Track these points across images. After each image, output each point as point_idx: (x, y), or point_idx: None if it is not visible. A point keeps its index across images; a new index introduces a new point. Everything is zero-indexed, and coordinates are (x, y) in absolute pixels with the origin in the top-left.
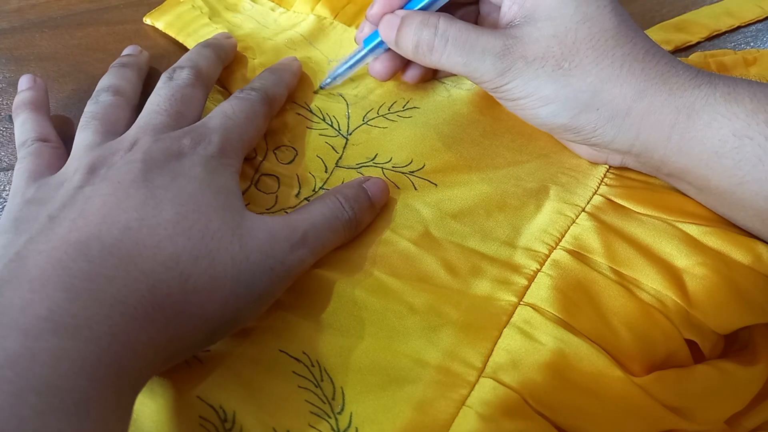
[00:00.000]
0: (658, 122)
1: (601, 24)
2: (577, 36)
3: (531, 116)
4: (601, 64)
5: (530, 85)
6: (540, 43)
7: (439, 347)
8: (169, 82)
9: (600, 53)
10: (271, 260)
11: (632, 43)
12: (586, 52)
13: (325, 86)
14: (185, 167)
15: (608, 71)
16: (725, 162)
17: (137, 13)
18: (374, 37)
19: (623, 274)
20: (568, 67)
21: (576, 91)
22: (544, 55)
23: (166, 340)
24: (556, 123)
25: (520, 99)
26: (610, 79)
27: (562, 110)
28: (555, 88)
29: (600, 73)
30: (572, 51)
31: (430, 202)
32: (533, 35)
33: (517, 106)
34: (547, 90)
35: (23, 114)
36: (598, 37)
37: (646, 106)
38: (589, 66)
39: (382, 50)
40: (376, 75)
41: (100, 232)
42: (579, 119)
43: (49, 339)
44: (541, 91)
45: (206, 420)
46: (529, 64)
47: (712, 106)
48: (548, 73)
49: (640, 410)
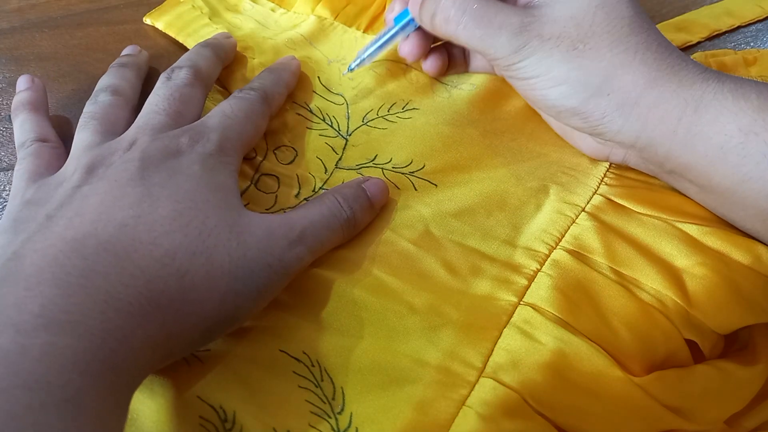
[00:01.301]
0: (665, 114)
1: (619, 11)
2: (594, 20)
3: (541, 97)
4: (615, 50)
5: (543, 63)
6: (557, 24)
7: (439, 347)
8: (167, 82)
9: (615, 39)
10: (269, 257)
11: (646, 34)
12: (602, 36)
13: (353, 68)
14: (183, 165)
15: (622, 57)
16: (730, 158)
17: (137, 13)
18: (404, 15)
19: (623, 274)
20: (582, 49)
21: (588, 73)
22: (560, 35)
23: (163, 336)
24: (566, 105)
25: (531, 78)
26: (623, 65)
27: (573, 92)
28: (568, 69)
29: (614, 59)
30: (588, 34)
31: (430, 202)
32: (551, 15)
33: (528, 86)
34: (559, 70)
35: (22, 114)
36: (615, 24)
37: (655, 96)
38: (604, 50)
39: (412, 29)
40: (406, 55)
41: (95, 229)
42: (589, 103)
43: (41, 335)
44: (553, 71)
45: (206, 420)
46: (545, 42)
47: (719, 101)
48: (562, 53)
49: (640, 410)
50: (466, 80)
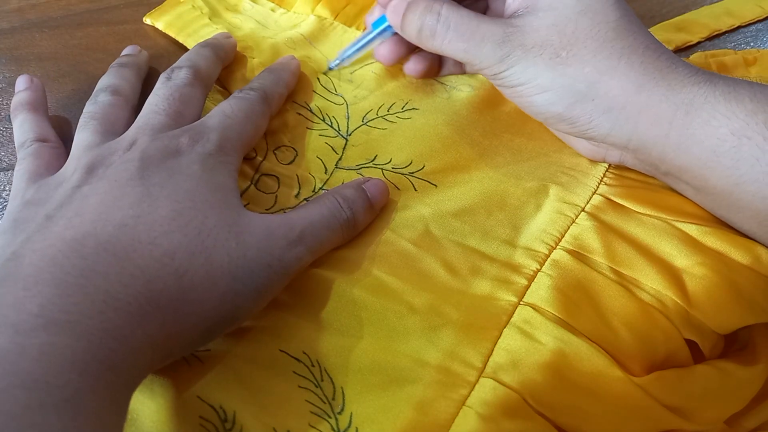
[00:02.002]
0: (656, 117)
1: (603, 16)
2: (577, 26)
3: (527, 104)
4: (599, 56)
5: (528, 72)
6: (539, 33)
7: (439, 347)
8: (167, 82)
9: (599, 45)
10: (268, 257)
11: (633, 37)
12: (585, 43)
13: (333, 67)
14: (183, 165)
15: (606, 63)
16: (723, 161)
17: (137, 13)
18: (382, 21)
19: (623, 274)
20: (565, 56)
21: (572, 80)
22: (542, 43)
23: (162, 336)
24: (552, 112)
25: (517, 86)
26: (608, 71)
27: (558, 99)
28: (551, 77)
29: (598, 64)
30: (571, 41)
31: (430, 202)
32: (533, 24)
33: (515, 93)
34: (543, 78)
35: (21, 115)
36: (599, 29)
37: (643, 100)
38: (588, 56)
39: (390, 34)
40: (380, 59)
41: (95, 229)
42: (574, 109)
43: (39, 335)
44: (537, 79)
45: (206, 420)
46: (527, 51)
47: (711, 104)
48: (545, 61)
49: (640, 410)
50: (464, 82)
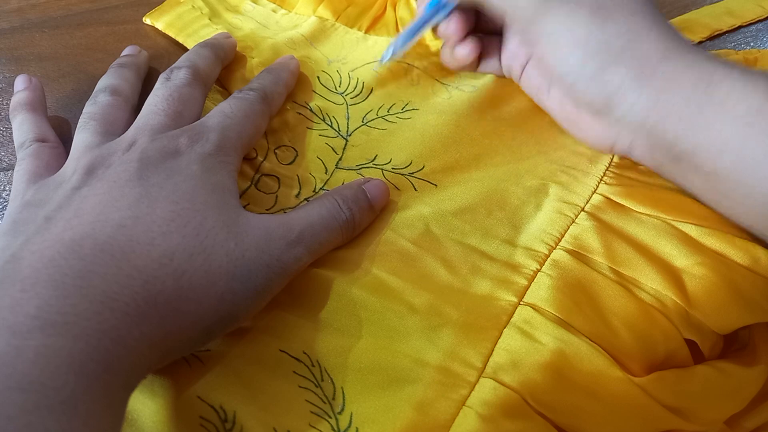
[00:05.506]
0: (678, 90)
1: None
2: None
3: (558, 61)
4: (634, 17)
5: (564, 23)
6: None
7: (440, 347)
8: (166, 82)
9: (633, 9)
10: (267, 257)
11: (658, 12)
12: (621, 3)
13: (385, 60)
14: (182, 165)
15: (641, 24)
16: (737, 140)
17: (137, 13)
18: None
19: (623, 274)
20: (605, 14)
21: (609, 36)
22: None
23: (160, 336)
24: (584, 71)
25: (552, 35)
26: (642, 33)
27: (591, 57)
28: (589, 30)
29: (633, 25)
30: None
31: (430, 201)
32: None
33: (546, 50)
34: (581, 30)
35: (20, 115)
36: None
37: (670, 69)
38: (625, 16)
39: (443, 16)
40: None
41: (93, 230)
42: (606, 72)
43: (36, 337)
44: (574, 31)
45: (206, 420)
46: (566, 2)
47: (730, 80)
48: (584, 14)
49: (639, 410)
50: (468, 81)
